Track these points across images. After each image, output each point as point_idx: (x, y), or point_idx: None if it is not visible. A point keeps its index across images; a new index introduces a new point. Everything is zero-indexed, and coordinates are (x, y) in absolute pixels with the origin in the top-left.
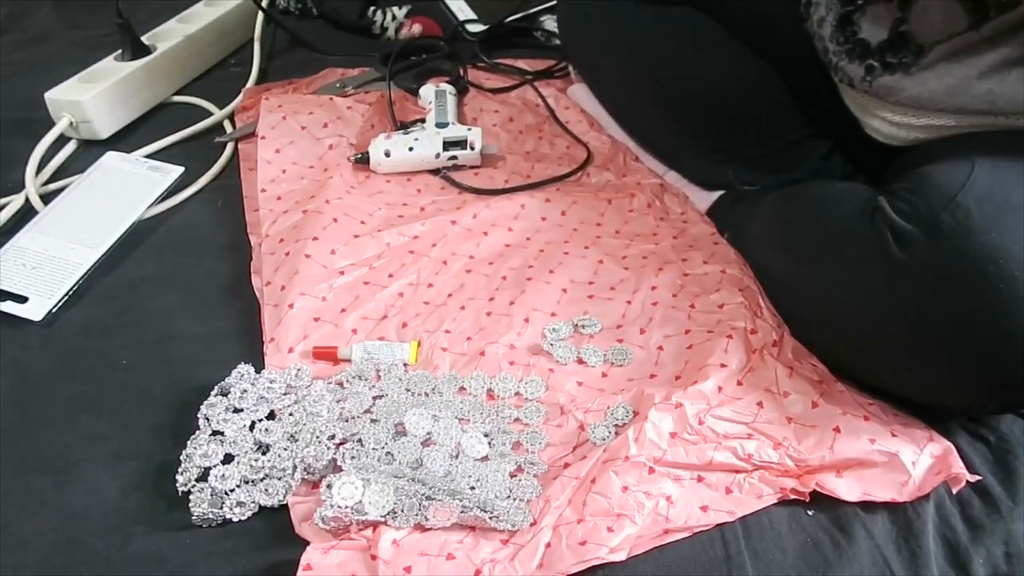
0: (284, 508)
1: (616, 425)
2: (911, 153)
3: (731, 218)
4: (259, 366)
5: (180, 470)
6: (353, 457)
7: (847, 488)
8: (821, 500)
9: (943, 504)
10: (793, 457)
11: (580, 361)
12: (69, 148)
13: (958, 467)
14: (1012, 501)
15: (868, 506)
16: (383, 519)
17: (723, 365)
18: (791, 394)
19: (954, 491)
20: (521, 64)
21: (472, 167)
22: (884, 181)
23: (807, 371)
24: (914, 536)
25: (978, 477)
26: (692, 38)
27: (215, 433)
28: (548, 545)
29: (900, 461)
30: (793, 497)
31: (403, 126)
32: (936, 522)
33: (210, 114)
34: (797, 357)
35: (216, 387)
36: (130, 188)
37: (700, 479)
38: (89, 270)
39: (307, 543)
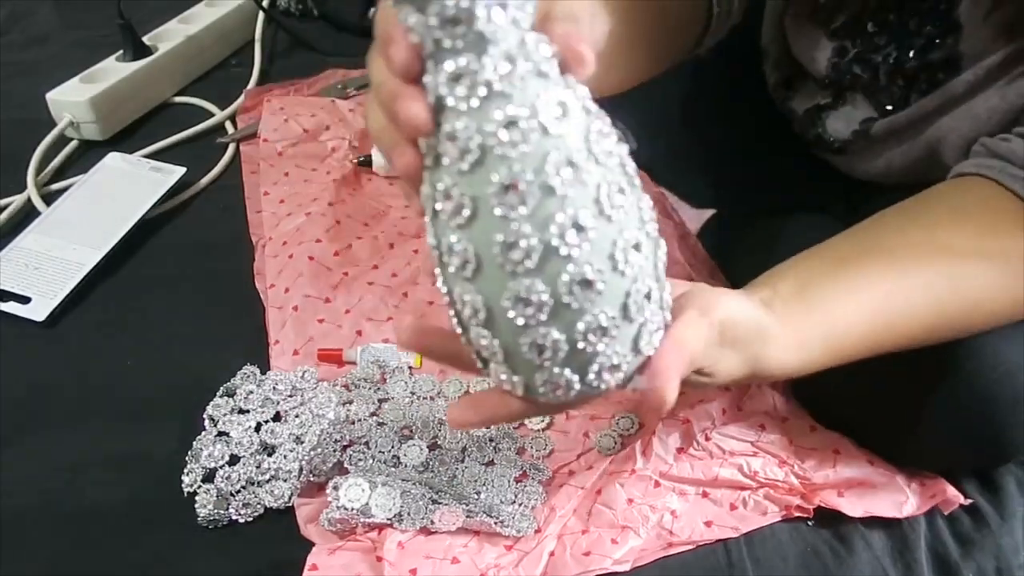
0: (290, 509)
1: (621, 435)
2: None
3: (720, 243)
4: (264, 368)
5: (186, 471)
6: (359, 460)
7: (849, 507)
8: (821, 510)
9: (934, 520)
10: (798, 475)
11: None
12: (70, 148)
13: (951, 492)
14: (1000, 517)
15: (866, 518)
16: (389, 522)
17: (726, 388)
18: (789, 419)
19: (945, 513)
20: None
21: None
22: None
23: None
24: (909, 549)
25: (970, 501)
26: None
27: (221, 434)
28: (552, 553)
29: (898, 482)
30: (797, 515)
31: None
32: (928, 537)
33: (211, 115)
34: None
35: (222, 388)
36: (132, 189)
37: (705, 494)
38: (92, 271)
39: (312, 544)
